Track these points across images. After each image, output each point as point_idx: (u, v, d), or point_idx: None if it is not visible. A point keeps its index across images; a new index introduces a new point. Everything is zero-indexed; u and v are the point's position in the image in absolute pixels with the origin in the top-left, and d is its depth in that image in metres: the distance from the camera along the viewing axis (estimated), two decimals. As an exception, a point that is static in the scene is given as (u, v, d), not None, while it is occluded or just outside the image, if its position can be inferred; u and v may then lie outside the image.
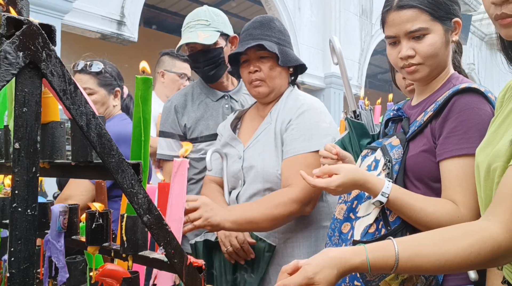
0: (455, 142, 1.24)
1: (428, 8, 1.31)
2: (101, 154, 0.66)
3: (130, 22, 5.96)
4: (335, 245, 1.39)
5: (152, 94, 0.83)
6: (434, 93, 1.40)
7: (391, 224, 1.27)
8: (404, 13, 1.33)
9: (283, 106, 1.82)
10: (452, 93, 1.28)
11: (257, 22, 1.83)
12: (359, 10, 10.31)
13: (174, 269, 0.74)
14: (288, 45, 1.85)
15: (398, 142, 1.36)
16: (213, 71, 2.15)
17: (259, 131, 1.84)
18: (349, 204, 1.41)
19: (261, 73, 1.79)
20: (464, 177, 1.21)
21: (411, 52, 1.34)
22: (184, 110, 2.19)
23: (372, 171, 1.38)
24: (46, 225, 0.92)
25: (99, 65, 2.21)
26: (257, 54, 1.78)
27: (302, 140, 1.70)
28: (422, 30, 1.32)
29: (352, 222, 1.36)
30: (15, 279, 0.59)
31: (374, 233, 1.28)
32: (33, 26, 0.59)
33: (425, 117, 1.33)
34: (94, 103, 2.19)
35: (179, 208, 0.84)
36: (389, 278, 1.25)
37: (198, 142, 2.16)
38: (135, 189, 0.70)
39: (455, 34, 1.38)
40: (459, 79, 1.38)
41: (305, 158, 1.68)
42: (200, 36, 2.07)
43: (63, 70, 0.62)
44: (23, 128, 0.59)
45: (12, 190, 0.59)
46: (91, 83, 2.19)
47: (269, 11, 8.39)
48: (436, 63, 1.36)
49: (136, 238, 0.76)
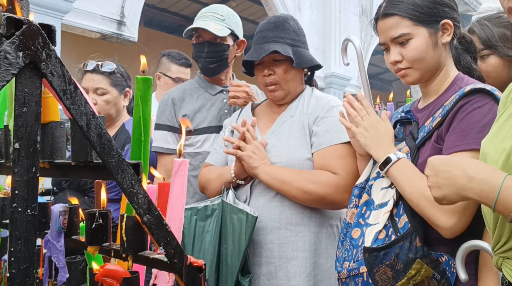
0: (454, 139, 1.27)
1: (408, 14, 1.37)
2: (101, 154, 0.67)
3: (130, 22, 5.95)
4: (347, 251, 1.40)
5: (152, 96, 0.83)
6: (441, 96, 1.42)
7: (400, 230, 1.28)
8: (388, 21, 1.40)
9: (306, 103, 1.84)
10: (459, 97, 1.30)
11: (271, 23, 1.83)
12: (359, 10, 10.31)
13: (174, 269, 0.74)
14: (302, 45, 1.84)
15: (407, 150, 1.38)
16: (214, 65, 2.14)
17: (278, 123, 1.85)
18: (359, 210, 1.41)
19: (276, 77, 1.79)
20: None
21: (398, 57, 1.40)
22: (182, 103, 2.18)
23: (381, 178, 1.39)
24: (46, 225, 0.92)
25: (111, 65, 2.22)
26: (271, 57, 1.78)
27: (336, 132, 1.73)
28: (404, 36, 1.37)
29: (362, 228, 1.37)
30: (15, 279, 0.59)
31: (384, 239, 1.29)
32: (33, 26, 0.59)
33: (433, 123, 1.35)
34: (106, 103, 2.20)
35: (179, 208, 0.83)
36: (400, 283, 1.25)
37: (194, 135, 2.15)
38: (135, 189, 0.70)
39: (447, 35, 1.39)
40: (464, 80, 1.39)
41: (342, 148, 1.72)
42: (211, 25, 2.07)
43: (63, 70, 0.62)
44: (23, 128, 0.59)
45: (12, 190, 0.59)
46: (104, 83, 2.20)
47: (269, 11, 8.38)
48: (425, 66, 1.39)
49: (136, 238, 0.76)
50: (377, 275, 1.27)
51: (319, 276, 1.71)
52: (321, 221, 1.76)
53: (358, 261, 1.32)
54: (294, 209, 1.73)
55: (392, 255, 1.25)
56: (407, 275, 1.24)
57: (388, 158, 1.34)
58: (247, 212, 1.64)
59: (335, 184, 1.68)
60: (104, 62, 2.22)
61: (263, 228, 1.73)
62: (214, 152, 1.99)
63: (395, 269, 1.25)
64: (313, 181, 1.68)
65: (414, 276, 1.24)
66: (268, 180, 1.70)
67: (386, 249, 1.26)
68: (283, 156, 1.75)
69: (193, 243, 1.78)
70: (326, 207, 1.75)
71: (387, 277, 1.27)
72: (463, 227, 1.22)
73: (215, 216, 1.79)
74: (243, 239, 1.63)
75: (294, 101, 1.87)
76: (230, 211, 1.70)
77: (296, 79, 1.84)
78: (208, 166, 1.95)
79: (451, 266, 1.27)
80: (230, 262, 1.67)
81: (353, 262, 1.35)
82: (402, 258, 1.24)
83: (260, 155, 1.71)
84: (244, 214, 1.65)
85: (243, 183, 1.80)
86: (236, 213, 1.67)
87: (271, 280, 1.71)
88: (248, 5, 9.21)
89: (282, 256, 1.71)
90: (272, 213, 1.72)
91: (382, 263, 1.26)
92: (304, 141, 1.76)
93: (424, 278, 1.25)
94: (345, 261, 1.38)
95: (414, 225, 1.27)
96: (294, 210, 1.73)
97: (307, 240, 1.72)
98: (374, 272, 1.28)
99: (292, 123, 1.81)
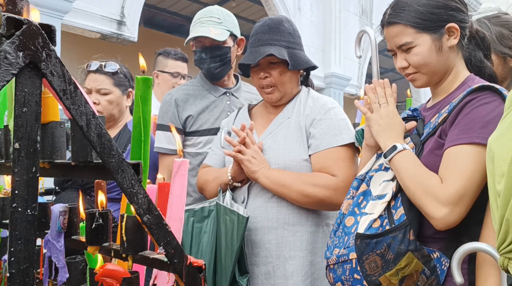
0: (457, 133, 1.27)
1: (411, 22, 1.39)
2: (101, 154, 0.67)
3: (130, 22, 5.96)
4: (338, 238, 1.40)
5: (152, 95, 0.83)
6: (449, 95, 1.43)
7: (395, 222, 1.28)
8: (392, 29, 1.43)
9: (302, 104, 1.85)
10: (466, 93, 1.31)
11: (265, 26, 1.84)
12: (359, 10, 10.33)
13: (174, 269, 0.74)
14: (298, 47, 1.85)
15: (412, 146, 1.39)
16: (219, 69, 2.17)
17: (274, 124, 1.86)
18: (355, 199, 1.42)
19: (271, 79, 1.81)
20: (458, 160, 1.24)
21: (404, 64, 1.43)
22: (185, 104, 2.20)
23: (383, 171, 1.40)
24: (46, 225, 0.92)
25: (115, 65, 2.23)
26: (266, 60, 1.80)
27: (333, 134, 1.75)
28: (407, 44, 1.40)
29: (357, 216, 1.38)
30: (15, 279, 0.59)
31: (378, 228, 1.29)
32: (33, 26, 0.59)
33: (439, 119, 1.36)
34: (109, 103, 2.22)
35: (179, 208, 0.84)
36: (389, 273, 1.25)
37: (197, 136, 2.17)
38: (135, 189, 0.70)
39: (454, 38, 1.40)
40: (475, 81, 1.40)
41: (340, 150, 1.74)
42: (212, 31, 2.09)
43: (63, 70, 0.62)
44: (23, 128, 0.59)
45: (12, 190, 0.59)
46: (107, 83, 2.22)
47: (269, 11, 8.39)
48: (431, 70, 1.41)
49: (136, 238, 0.76)
50: (366, 263, 1.27)
51: (315, 275, 1.73)
52: (317, 220, 1.77)
53: (349, 248, 1.32)
54: (291, 209, 1.74)
55: (384, 245, 1.25)
56: (397, 266, 1.24)
57: (394, 146, 1.35)
58: (238, 213, 1.65)
59: (334, 186, 1.69)
60: (107, 62, 2.23)
61: (261, 228, 1.74)
62: (211, 153, 2.00)
63: (385, 259, 1.25)
64: (313, 184, 1.69)
65: (403, 268, 1.24)
66: (268, 183, 1.72)
67: (379, 238, 1.27)
68: (280, 157, 1.76)
69: (191, 244, 1.80)
70: (325, 208, 1.76)
71: (376, 266, 1.26)
72: (456, 220, 1.22)
73: (212, 217, 1.81)
74: (235, 239, 1.64)
75: (291, 102, 1.89)
76: (223, 212, 1.72)
77: (292, 80, 1.85)
78: (206, 167, 1.96)
79: (442, 264, 1.27)
80: (224, 262, 1.69)
81: (343, 248, 1.35)
82: (394, 249, 1.25)
83: (259, 159, 1.73)
84: (235, 214, 1.66)
85: (240, 185, 1.82)
86: (229, 214, 1.69)
87: (269, 279, 1.73)
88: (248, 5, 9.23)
89: (280, 255, 1.72)
90: (269, 213, 1.74)
91: (372, 251, 1.26)
92: (301, 143, 1.77)
93: (414, 272, 1.25)
94: (335, 248, 1.39)
95: (410, 218, 1.28)
96: (291, 210, 1.74)
97: (304, 240, 1.73)
98: (363, 260, 1.28)
99: (288, 125, 1.82)
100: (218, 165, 1.94)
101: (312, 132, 1.78)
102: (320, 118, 1.79)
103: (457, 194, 1.21)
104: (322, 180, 1.70)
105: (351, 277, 1.31)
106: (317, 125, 1.78)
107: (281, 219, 1.74)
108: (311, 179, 1.71)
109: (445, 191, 1.22)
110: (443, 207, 1.21)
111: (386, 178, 1.38)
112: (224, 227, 1.70)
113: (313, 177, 1.72)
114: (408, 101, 2.22)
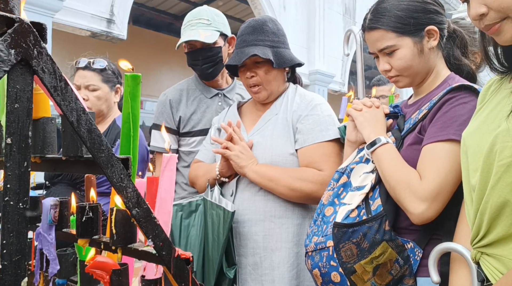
0: (435, 130, 1.31)
1: (391, 27, 1.41)
2: (91, 149, 0.68)
3: (119, 20, 5.95)
4: (318, 226, 1.44)
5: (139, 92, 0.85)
6: (430, 92, 1.47)
7: (372, 212, 1.32)
8: (373, 34, 1.45)
9: (289, 101, 1.90)
10: (446, 91, 1.35)
11: (250, 27, 1.88)
12: (343, 8, 10.42)
13: (163, 261, 0.76)
14: (282, 45, 1.89)
15: (393, 139, 1.43)
16: (211, 69, 2.22)
17: (262, 121, 1.91)
18: (335, 190, 1.45)
19: (258, 78, 1.86)
20: (436, 157, 1.27)
21: (387, 67, 1.46)
22: (179, 105, 2.25)
23: (363, 163, 1.43)
24: (38, 218, 0.93)
25: (103, 62, 2.26)
26: (252, 60, 1.85)
27: (320, 130, 1.79)
28: (389, 48, 1.43)
29: (336, 206, 1.41)
30: (7, 270, 0.60)
31: (355, 218, 1.33)
32: (25, 24, 0.60)
33: (419, 115, 1.40)
34: (97, 99, 2.25)
35: (168, 202, 0.85)
36: (364, 261, 1.29)
37: (190, 136, 2.20)
38: (124, 183, 0.71)
39: (434, 40, 1.43)
40: (455, 80, 1.44)
41: (326, 146, 1.79)
42: (201, 34, 2.13)
43: (54, 67, 0.64)
44: (15, 123, 0.60)
45: (4, 184, 0.61)
46: (95, 80, 2.25)
47: (254, 10, 8.42)
48: (413, 72, 1.45)
49: (125, 231, 0.78)
50: (342, 251, 1.31)
51: (301, 265, 1.77)
52: (304, 213, 1.82)
53: (327, 236, 1.36)
54: (277, 202, 1.79)
55: (360, 234, 1.29)
56: (371, 255, 1.28)
57: (378, 138, 1.39)
58: (224, 207, 1.69)
59: (320, 180, 1.73)
60: (95, 59, 2.26)
61: (249, 220, 1.79)
62: (203, 148, 2.06)
63: (361, 248, 1.29)
64: (300, 178, 1.73)
65: (378, 257, 1.28)
66: (256, 178, 1.76)
67: (355, 227, 1.31)
68: (267, 152, 1.81)
69: (179, 238, 1.83)
70: (311, 202, 1.80)
71: (352, 254, 1.30)
72: (433, 215, 1.25)
73: (199, 212, 1.85)
74: (221, 233, 1.69)
75: (278, 99, 1.93)
76: (210, 207, 1.76)
77: (278, 78, 1.89)
78: (198, 163, 2.00)
79: (416, 254, 1.31)
80: (212, 255, 1.72)
81: (321, 236, 1.39)
82: (369, 238, 1.28)
83: (247, 155, 1.78)
84: (221, 209, 1.70)
85: (227, 181, 1.86)
86: (215, 208, 1.73)
87: (257, 270, 1.77)
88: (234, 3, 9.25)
89: (267, 247, 1.77)
90: (256, 206, 1.79)
91: (349, 240, 1.30)
92: (288, 138, 1.82)
93: (388, 261, 1.29)
94: (314, 236, 1.43)
95: (386, 209, 1.31)
96: (278, 203, 1.79)
97: (291, 232, 1.78)
98: (340, 248, 1.32)
99: (276, 121, 1.87)
100: (209, 160, 1.99)
101: (299, 127, 1.82)
102: (307, 113, 1.83)
103: (435, 190, 1.24)
104: (309, 174, 1.74)
105: (328, 264, 1.34)
106: (304, 120, 1.82)
107: (268, 211, 1.78)
108: (298, 173, 1.75)
109: (423, 188, 1.25)
110: (421, 203, 1.25)
111: (366, 170, 1.41)
112: (211, 221, 1.73)
113: (300, 171, 1.76)
114: (390, 97, 2.26)
